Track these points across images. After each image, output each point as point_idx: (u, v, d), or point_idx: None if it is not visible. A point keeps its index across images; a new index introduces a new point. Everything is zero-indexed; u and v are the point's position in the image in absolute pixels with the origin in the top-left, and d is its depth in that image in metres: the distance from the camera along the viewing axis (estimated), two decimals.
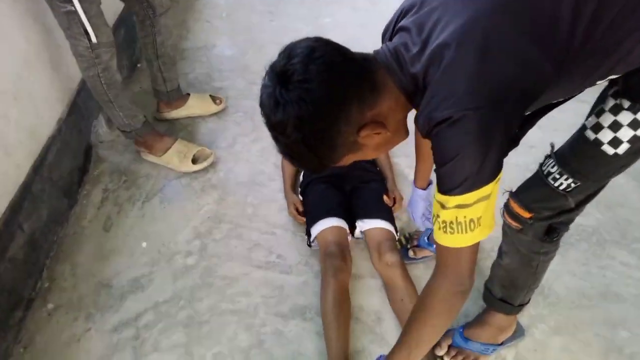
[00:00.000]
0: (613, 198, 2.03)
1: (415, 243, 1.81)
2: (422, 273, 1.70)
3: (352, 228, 1.76)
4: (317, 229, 1.69)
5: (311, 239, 1.72)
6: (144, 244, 1.79)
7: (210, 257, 1.76)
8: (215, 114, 2.36)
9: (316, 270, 1.74)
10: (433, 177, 0.97)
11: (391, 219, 1.76)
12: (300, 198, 1.88)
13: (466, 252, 0.91)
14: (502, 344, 1.47)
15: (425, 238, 1.78)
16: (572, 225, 1.17)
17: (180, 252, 1.77)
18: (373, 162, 1.97)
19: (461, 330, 1.48)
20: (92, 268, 1.71)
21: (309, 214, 1.77)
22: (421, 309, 1.05)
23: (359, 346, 1.53)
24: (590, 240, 1.87)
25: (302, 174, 1.95)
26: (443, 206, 0.86)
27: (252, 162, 2.14)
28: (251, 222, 1.89)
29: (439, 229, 0.90)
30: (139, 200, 1.95)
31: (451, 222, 0.86)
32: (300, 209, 1.86)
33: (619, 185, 2.09)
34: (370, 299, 1.67)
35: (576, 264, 1.80)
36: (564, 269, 1.78)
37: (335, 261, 1.57)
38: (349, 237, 1.76)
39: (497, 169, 0.83)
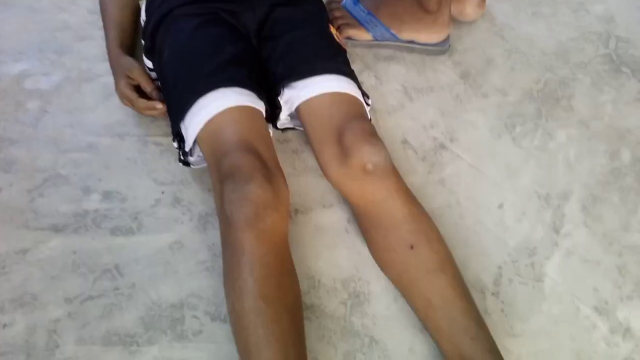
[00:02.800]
0: None
1: (337, 14, 1.00)
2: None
3: (273, 110, 0.79)
4: (198, 118, 0.69)
5: (187, 147, 0.73)
6: None
7: None
8: None
9: (200, 212, 0.76)
10: None
11: (351, 73, 0.80)
12: (148, 63, 0.85)
13: None
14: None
15: None
16: None
17: None
18: None
19: None
20: None
21: (175, 89, 0.75)
22: None
23: None
24: None
25: (143, 10, 0.88)
26: None
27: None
28: (36, 129, 0.84)
29: None
30: None
31: None
32: (149, 86, 0.82)
33: None
34: (332, 257, 0.75)
35: None
36: None
37: (251, 187, 0.61)
38: (269, 131, 0.79)
39: None
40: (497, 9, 1.10)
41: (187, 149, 0.73)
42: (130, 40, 0.91)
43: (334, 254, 0.75)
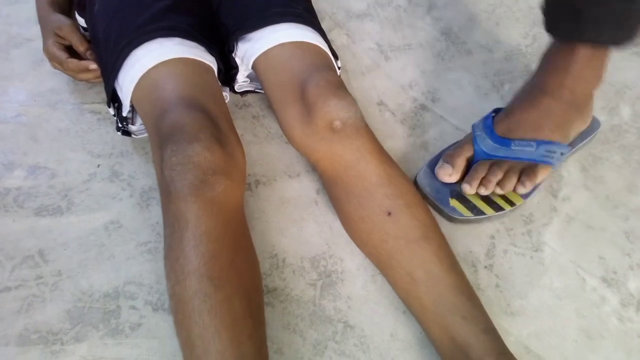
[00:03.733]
0: None
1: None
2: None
3: (229, 71, 0.69)
4: (131, 73, 0.58)
5: (124, 110, 0.62)
6: None
7: None
8: None
9: (143, 187, 0.65)
10: None
11: (315, 22, 0.70)
12: (81, 21, 0.74)
13: None
14: (571, 144, 0.69)
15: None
16: None
17: None
18: None
19: (490, 121, 0.67)
20: None
21: (106, 43, 0.64)
22: None
23: None
24: None
25: None
26: None
27: None
28: None
29: None
30: None
31: None
32: (83, 45, 0.70)
33: None
34: (299, 232, 0.64)
35: None
36: None
37: (195, 149, 0.51)
38: (225, 95, 0.69)
39: None
40: None
41: (124, 113, 0.62)
42: None
43: (301, 229, 0.64)
